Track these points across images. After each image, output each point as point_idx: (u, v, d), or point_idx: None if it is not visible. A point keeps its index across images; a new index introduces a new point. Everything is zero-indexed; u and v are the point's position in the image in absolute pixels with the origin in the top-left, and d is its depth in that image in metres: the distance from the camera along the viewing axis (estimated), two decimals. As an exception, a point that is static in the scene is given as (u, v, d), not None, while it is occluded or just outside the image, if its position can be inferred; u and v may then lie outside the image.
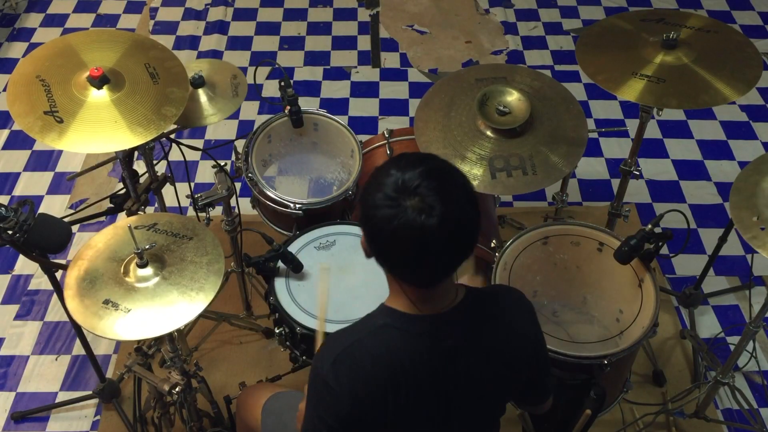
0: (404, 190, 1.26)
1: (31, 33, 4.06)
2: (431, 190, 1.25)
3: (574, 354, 1.90)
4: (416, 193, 1.25)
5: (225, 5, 4.26)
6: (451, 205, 1.26)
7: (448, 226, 1.26)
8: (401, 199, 1.25)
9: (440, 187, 1.27)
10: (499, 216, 3.07)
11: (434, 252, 1.28)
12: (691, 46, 2.22)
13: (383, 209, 1.26)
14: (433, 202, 1.25)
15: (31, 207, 1.76)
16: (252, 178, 2.35)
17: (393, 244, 1.29)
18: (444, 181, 1.29)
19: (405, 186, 1.26)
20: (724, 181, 3.35)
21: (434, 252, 1.28)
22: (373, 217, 1.28)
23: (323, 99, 3.73)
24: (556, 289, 2.30)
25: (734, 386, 2.40)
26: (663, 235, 1.95)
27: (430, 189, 1.25)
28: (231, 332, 2.77)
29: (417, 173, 1.27)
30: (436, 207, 1.24)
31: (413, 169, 1.28)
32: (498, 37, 4.09)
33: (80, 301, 1.68)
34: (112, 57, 2.05)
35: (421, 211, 1.24)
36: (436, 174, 1.29)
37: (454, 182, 1.31)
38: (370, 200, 1.29)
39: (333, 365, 1.37)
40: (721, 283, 2.97)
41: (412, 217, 1.24)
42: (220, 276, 1.74)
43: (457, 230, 1.28)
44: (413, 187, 1.26)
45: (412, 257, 1.29)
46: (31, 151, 3.45)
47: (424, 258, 1.29)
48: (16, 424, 2.55)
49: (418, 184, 1.26)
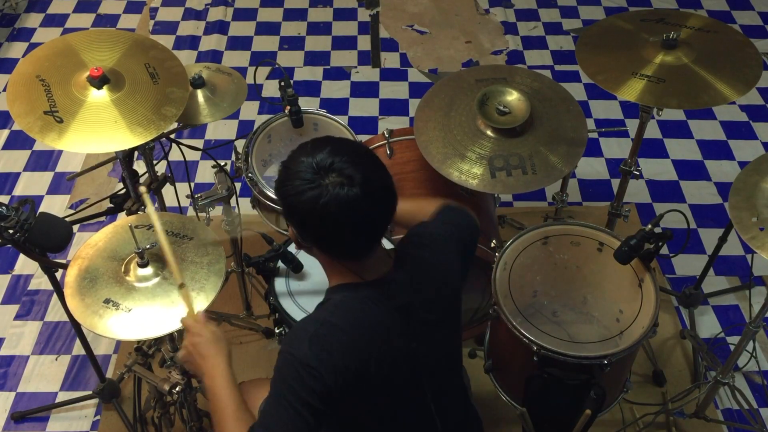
0: (320, 170, 1.35)
1: (31, 33, 4.06)
2: (345, 163, 1.35)
3: (574, 354, 1.90)
4: (332, 169, 1.35)
5: (225, 5, 4.26)
6: (367, 173, 1.37)
7: (371, 190, 1.36)
8: (320, 178, 1.34)
9: (351, 160, 1.37)
10: (499, 216, 3.07)
11: (365, 219, 1.38)
12: (691, 46, 2.22)
13: (306, 193, 1.34)
14: (351, 173, 1.35)
15: (32, 206, 1.76)
16: (252, 178, 2.36)
17: (325, 223, 1.37)
18: (352, 154, 1.39)
19: (320, 167, 1.36)
20: (724, 181, 3.35)
21: (365, 219, 1.38)
22: (299, 203, 1.36)
23: (323, 99, 3.73)
24: (556, 289, 2.30)
25: (734, 386, 2.40)
26: (663, 235, 1.95)
27: (344, 163, 1.35)
28: (231, 332, 2.77)
29: (326, 153, 1.37)
30: (354, 177, 1.35)
31: (321, 151, 1.37)
32: (498, 37, 4.09)
33: (81, 300, 1.68)
34: (112, 57, 2.05)
35: (343, 185, 1.34)
36: (344, 149, 1.39)
37: (361, 152, 1.42)
38: (290, 189, 1.37)
39: (310, 346, 1.38)
40: (721, 283, 2.97)
41: (336, 192, 1.33)
42: (220, 276, 1.75)
43: (379, 192, 1.39)
44: (327, 165, 1.35)
45: (347, 230, 1.38)
46: (31, 151, 3.45)
47: (358, 227, 1.39)
48: (16, 424, 2.55)
49: (330, 161, 1.36)
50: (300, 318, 2.02)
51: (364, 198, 1.35)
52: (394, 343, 1.48)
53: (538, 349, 1.90)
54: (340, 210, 1.34)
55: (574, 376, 1.94)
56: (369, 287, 1.47)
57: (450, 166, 2.19)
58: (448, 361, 1.68)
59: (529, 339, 1.92)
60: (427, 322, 1.54)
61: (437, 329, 1.58)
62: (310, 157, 1.37)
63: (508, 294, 2.07)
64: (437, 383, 1.62)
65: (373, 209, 1.38)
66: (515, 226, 3.07)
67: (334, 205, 1.33)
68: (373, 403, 1.52)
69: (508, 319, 1.96)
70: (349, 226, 1.37)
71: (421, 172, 2.43)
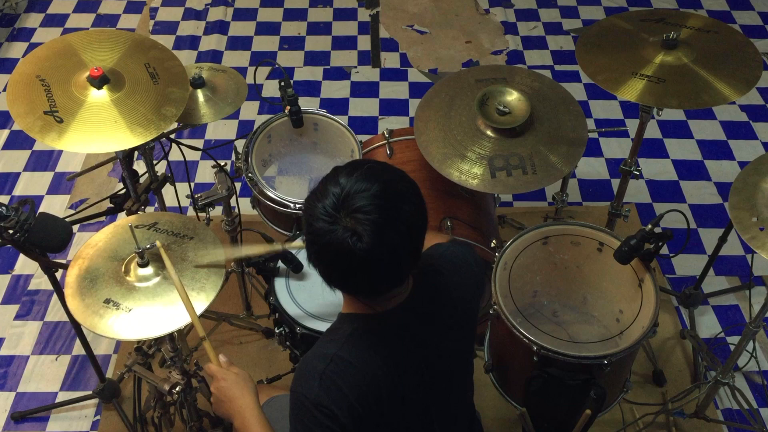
0: (343, 207, 1.26)
1: (31, 33, 4.06)
2: (369, 214, 1.24)
3: (574, 354, 1.90)
4: (353, 214, 1.25)
5: (225, 5, 4.26)
6: (384, 237, 1.25)
7: (377, 254, 1.26)
8: (338, 216, 1.26)
9: (380, 215, 1.25)
10: (499, 216, 3.07)
11: (363, 272, 1.29)
12: (691, 46, 2.22)
13: (320, 221, 1.27)
14: (363, 231, 1.24)
15: (32, 206, 1.76)
16: (252, 178, 2.36)
17: (325, 255, 1.30)
18: (387, 209, 1.26)
19: (345, 203, 1.26)
20: (724, 181, 3.35)
21: (363, 272, 1.29)
22: (311, 226, 1.29)
23: (323, 99, 3.73)
24: (556, 289, 2.30)
25: (734, 386, 2.40)
26: (663, 235, 1.95)
27: (368, 214, 1.24)
28: (231, 332, 2.77)
29: (363, 190, 1.26)
30: (364, 236, 1.24)
31: (362, 184, 1.27)
32: (498, 37, 4.09)
33: (81, 300, 1.68)
34: (112, 57, 2.05)
35: (353, 234, 1.24)
36: (382, 198, 1.26)
37: (398, 210, 1.28)
38: (312, 208, 1.30)
39: (321, 385, 1.35)
40: (721, 283, 2.96)
41: (343, 237, 1.25)
42: (220, 276, 1.74)
43: (388, 258, 1.28)
44: (353, 208, 1.25)
45: (342, 271, 1.31)
46: (31, 151, 3.45)
47: (354, 274, 1.31)
48: (16, 424, 2.55)
49: (359, 205, 1.25)
50: (300, 318, 2.03)
51: (366, 255, 1.25)
52: (407, 376, 1.45)
53: (538, 349, 1.90)
54: (338, 253, 1.27)
55: (574, 376, 1.94)
56: (384, 318, 1.42)
57: (450, 166, 2.19)
58: (460, 390, 1.66)
59: (529, 339, 1.92)
60: (441, 352, 1.51)
61: (451, 359, 1.55)
62: (349, 182, 1.27)
63: (508, 294, 2.07)
64: (446, 412, 1.60)
65: (375, 269, 1.29)
66: (515, 226, 3.07)
67: (335, 246, 1.26)
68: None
69: (508, 318, 1.96)
70: (343, 269, 1.31)
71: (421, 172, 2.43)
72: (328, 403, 1.34)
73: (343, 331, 1.43)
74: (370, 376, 1.39)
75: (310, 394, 1.35)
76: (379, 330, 1.43)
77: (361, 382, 1.38)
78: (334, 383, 1.36)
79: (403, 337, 1.45)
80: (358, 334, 1.41)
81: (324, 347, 1.42)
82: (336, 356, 1.38)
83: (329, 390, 1.35)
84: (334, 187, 1.28)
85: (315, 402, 1.35)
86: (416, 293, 1.47)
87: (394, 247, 1.28)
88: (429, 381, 1.50)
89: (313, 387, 1.35)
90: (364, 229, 1.24)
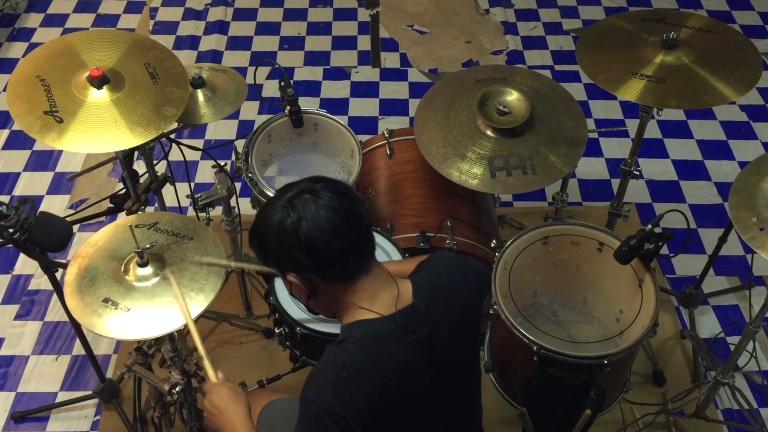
0: (290, 200, 1.44)
1: (31, 33, 4.06)
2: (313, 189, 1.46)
3: (574, 354, 1.90)
4: (300, 194, 1.45)
5: (225, 5, 4.26)
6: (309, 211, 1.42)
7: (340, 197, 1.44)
8: (288, 206, 1.42)
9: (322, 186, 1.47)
10: (499, 216, 3.07)
11: (341, 222, 1.41)
12: (691, 46, 2.22)
13: (274, 217, 1.43)
14: (318, 190, 1.44)
15: (32, 205, 1.76)
16: (252, 178, 2.35)
17: (311, 245, 1.39)
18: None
19: (289, 198, 1.45)
20: (724, 181, 3.35)
21: (341, 222, 1.41)
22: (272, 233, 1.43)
23: (323, 99, 3.73)
24: (556, 289, 2.30)
25: (734, 386, 2.40)
26: (663, 235, 1.95)
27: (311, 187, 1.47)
28: (231, 332, 2.77)
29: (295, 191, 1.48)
30: (322, 191, 1.44)
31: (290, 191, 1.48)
32: (498, 37, 4.09)
33: (80, 299, 1.68)
34: (112, 57, 2.05)
35: (308, 201, 1.43)
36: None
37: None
38: (261, 225, 1.46)
39: (334, 393, 1.36)
40: (721, 283, 2.96)
41: (304, 208, 1.41)
42: (220, 276, 1.74)
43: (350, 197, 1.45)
44: (294, 194, 1.46)
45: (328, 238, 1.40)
46: (31, 151, 3.45)
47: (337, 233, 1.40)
48: (16, 424, 2.55)
49: (298, 190, 1.47)
50: (299, 318, 2.03)
51: (333, 203, 1.42)
52: (416, 380, 1.47)
53: (538, 349, 1.90)
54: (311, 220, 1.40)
55: (574, 376, 1.94)
56: (388, 322, 1.45)
57: (450, 166, 2.19)
58: (466, 390, 1.67)
59: (529, 339, 1.92)
60: (448, 352, 1.53)
61: (456, 360, 1.57)
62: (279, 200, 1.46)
63: (508, 294, 2.07)
64: (454, 413, 1.61)
65: (348, 210, 1.43)
66: (515, 226, 3.07)
67: (305, 219, 1.40)
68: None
69: (508, 318, 1.96)
70: (326, 233, 1.40)
71: (421, 172, 2.43)
72: (342, 411, 1.35)
73: (352, 339, 1.43)
74: (382, 383, 1.40)
75: (324, 403, 1.36)
76: (386, 333, 1.44)
77: (373, 390, 1.39)
78: (347, 391, 1.36)
79: (410, 339, 1.46)
80: (367, 340, 1.43)
81: (335, 355, 1.43)
82: (347, 363, 1.39)
83: (343, 398, 1.36)
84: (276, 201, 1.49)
85: (329, 411, 1.35)
86: (416, 296, 1.49)
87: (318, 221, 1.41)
88: (436, 381, 1.51)
89: (327, 395, 1.36)
90: (320, 189, 1.44)
